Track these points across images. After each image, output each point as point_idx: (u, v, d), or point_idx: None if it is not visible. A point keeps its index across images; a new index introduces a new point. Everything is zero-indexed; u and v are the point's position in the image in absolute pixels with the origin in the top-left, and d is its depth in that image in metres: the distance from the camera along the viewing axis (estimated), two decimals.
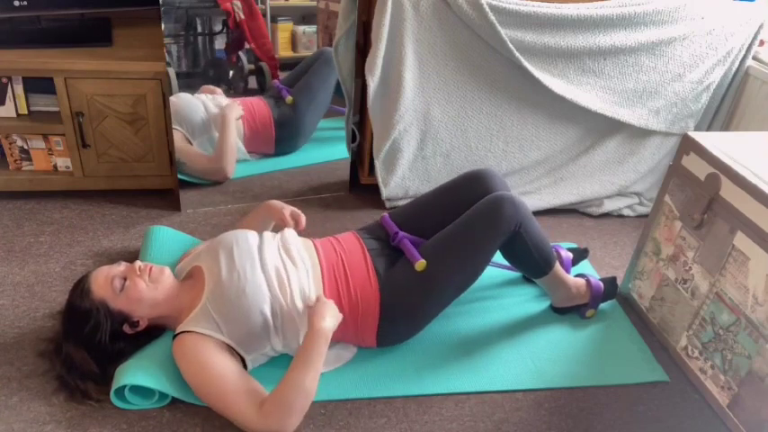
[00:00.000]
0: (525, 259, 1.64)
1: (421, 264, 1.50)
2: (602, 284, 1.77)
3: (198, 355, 1.34)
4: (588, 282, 1.76)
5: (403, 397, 1.48)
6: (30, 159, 2.10)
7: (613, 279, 1.81)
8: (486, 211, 1.53)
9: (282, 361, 1.49)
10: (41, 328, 1.58)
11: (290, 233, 1.60)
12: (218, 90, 2.19)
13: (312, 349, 1.32)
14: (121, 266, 1.45)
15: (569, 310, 1.78)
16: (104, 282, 1.40)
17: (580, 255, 1.94)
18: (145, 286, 1.41)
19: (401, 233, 1.61)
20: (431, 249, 1.54)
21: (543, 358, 1.63)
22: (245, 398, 1.30)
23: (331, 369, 1.51)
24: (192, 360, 1.34)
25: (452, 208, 1.64)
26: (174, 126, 2.03)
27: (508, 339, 1.68)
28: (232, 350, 1.39)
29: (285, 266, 1.47)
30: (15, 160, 2.10)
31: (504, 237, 1.54)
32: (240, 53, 2.18)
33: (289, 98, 2.23)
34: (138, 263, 1.45)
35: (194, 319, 1.39)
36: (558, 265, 1.69)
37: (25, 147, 2.08)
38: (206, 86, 2.18)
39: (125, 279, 1.41)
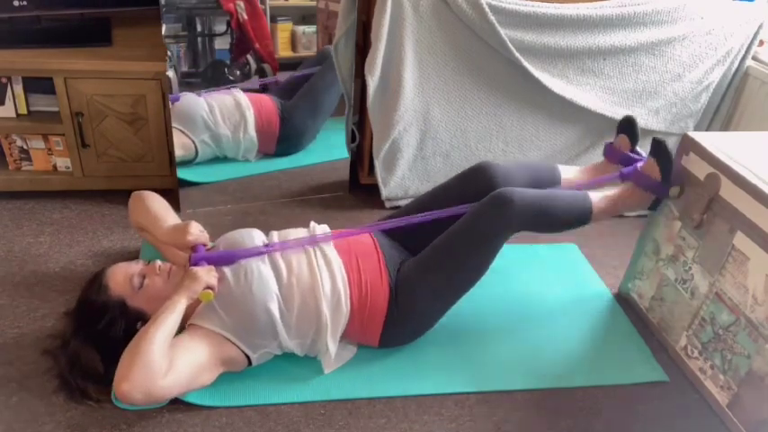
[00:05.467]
0: (559, 230, 1.64)
1: (207, 294, 1.35)
2: (641, 175, 1.63)
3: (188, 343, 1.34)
4: (633, 180, 1.63)
5: (403, 397, 1.48)
6: (29, 159, 2.10)
7: (658, 142, 1.58)
8: (486, 210, 1.51)
9: (287, 357, 1.51)
10: (41, 328, 1.58)
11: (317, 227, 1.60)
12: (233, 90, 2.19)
13: (162, 310, 1.29)
14: (139, 264, 1.46)
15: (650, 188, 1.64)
16: (123, 279, 1.40)
17: (630, 131, 1.74)
18: (163, 285, 1.41)
19: (197, 256, 1.43)
20: (436, 248, 1.53)
21: (543, 358, 1.63)
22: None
23: (331, 369, 1.51)
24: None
25: (458, 205, 1.61)
26: (174, 125, 2.03)
27: (508, 339, 1.68)
28: (236, 348, 1.39)
29: (300, 261, 1.47)
30: (15, 160, 2.10)
31: (508, 233, 1.52)
32: (248, 56, 2.18)
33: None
34: (158, 262, 1.46)
35: (200, 314, 1.40)
36: (596, 204, 1.59)
37: (25, 147, 2.08)
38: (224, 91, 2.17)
39: (144, 277, 1.41)
